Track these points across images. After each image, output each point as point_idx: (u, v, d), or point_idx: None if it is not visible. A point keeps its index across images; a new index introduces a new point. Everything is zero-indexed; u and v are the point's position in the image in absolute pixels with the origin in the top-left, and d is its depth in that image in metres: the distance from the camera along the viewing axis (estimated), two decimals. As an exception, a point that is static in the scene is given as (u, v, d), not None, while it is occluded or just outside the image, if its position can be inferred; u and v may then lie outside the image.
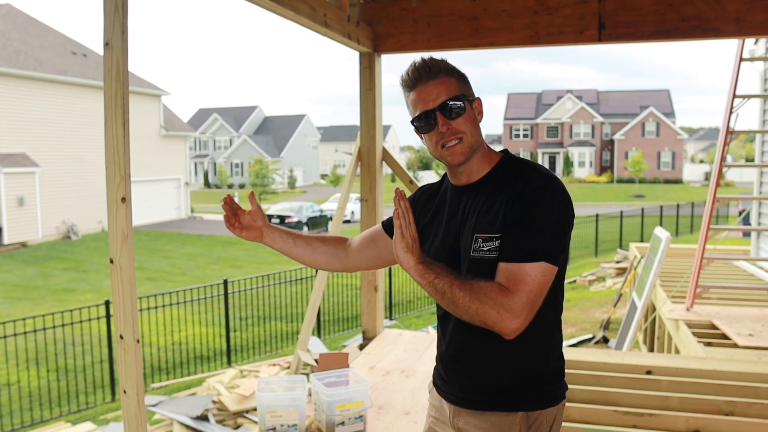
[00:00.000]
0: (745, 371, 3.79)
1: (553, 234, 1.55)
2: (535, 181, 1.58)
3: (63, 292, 14.73)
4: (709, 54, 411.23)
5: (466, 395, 1.70)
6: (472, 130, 1.66)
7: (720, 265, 8.00)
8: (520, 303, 1.48)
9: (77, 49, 26.55)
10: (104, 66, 2.18)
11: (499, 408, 1.65)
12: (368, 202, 4.50)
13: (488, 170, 1.69)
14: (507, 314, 1.48)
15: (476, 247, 1.60)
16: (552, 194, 1.57)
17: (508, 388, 1.64)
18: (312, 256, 1.96)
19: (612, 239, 19.37)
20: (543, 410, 1.65)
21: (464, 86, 1.68)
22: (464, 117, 1.64)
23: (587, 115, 53.75)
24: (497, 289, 1.49)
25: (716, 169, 5.70)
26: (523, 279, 1.50)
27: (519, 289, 1.49)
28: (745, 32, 3.80)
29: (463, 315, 1.52)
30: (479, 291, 1.49)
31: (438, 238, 1.74)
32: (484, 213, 1.61)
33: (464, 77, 1.70)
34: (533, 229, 1.53)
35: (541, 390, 1.66)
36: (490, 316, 1.48)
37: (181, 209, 30.51)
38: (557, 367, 1.70)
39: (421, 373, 3.79)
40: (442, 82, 1.64)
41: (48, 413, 7.48)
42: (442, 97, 1.62)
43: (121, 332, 2.22)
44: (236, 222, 1.90)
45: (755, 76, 8.66)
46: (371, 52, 4.33)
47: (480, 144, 1.68)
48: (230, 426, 6.60)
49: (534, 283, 1.50)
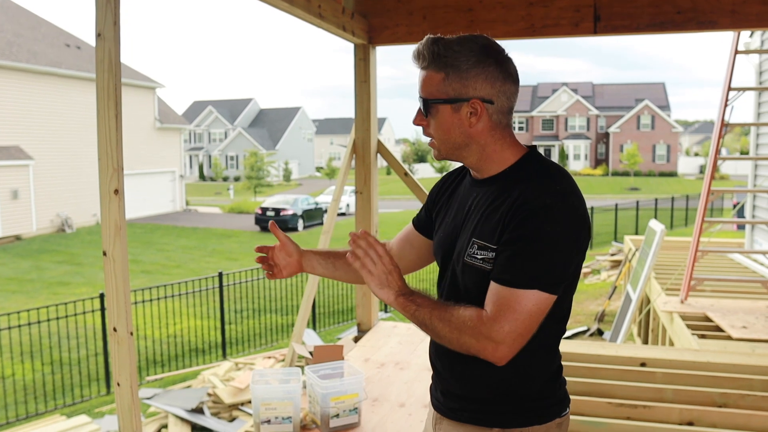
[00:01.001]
0: (738, 363, 3.80)
1: (554, 260, 1.39)
2: (544, 195, 1.41)
3: (57, 285, 14.70)
4: (704, 47, 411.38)
5: (447, 402, 1.64)
6: (442, 137, 1.52)
7: (714, 258, 8.03)
8: (502, 332, 1.37)
9: (71, 41, 26.40)
10: (96, 57, 2.16)
11: (475, 421, 1.56)
12: (363, 195, 4.49)
13: (502, 169, 1.52)
14: (488, 343, 1.38)
15: (470, 253, 1.48)
16: (560, 214, 1.39)
17: (485, 401, 1.55)
18: (355, 276, 1.81)
19: (607, 232, 19.42)
20: (525, 428, 1.52)
21: (454, 84, 1.48)
22: (436, 121, 1.52)
23: (582, 108, 53.78)
24: (476, 318, 1.39)
25: (711, 161, 5.71)
26: (510, 306, 1.37)
27: (504, 317, 1.37)
28: (740, 25, 3.80)
29: (448, 345, 1.45)
30: (458, 320, 1.40)
31: (443, 229, 1.65)
32: (486, 217, 1.48)
33: (460, 71, 1.47)
34: (530, 251, 1.38)
35: (525, 406, 1.53)
36: (472, 346, 1.40)
37: (176, 202, 30.44)
38: (548, 384, 1.57)
39: (415, 366, 3.80)
40: (425, 76, 1.51)
41: (43, 406, 7.48)
42: (422, 92, 1.53)
43: (114, 325, 2.21)
44: (276, 268, 1.85)
45: (750, 69, 8.68)
46: (366, 44, 4.31)
47: (463, 147, 1.52)
48: (225, 418, 6.61)
49: (524, 312, 1.37)
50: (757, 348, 4.47)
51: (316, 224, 25.65)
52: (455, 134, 1.51)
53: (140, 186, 26.11)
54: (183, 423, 6.47)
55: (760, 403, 3.31)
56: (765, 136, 8.44)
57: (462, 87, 1.47)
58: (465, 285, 1.53)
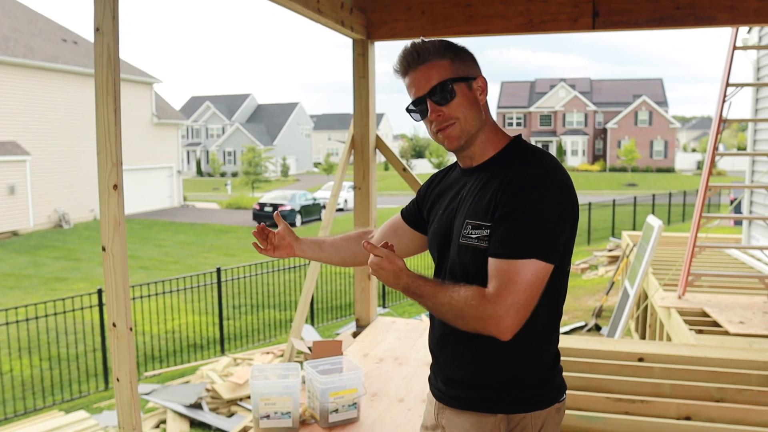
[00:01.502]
0: (735, 358, 3.81)
1: (546, 229, 1.45)
2: (532, 170, 1.50)
3: (55, 280, 14.68)
4: (702, 43, 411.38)
5: (449, 390, 1.66)
6: (468, 113, 1.58)
7: (712, 254, 8.05)
8: (504, 305, 1.42)
9: (68, 36, 26.31)
10: (95, 51, 2.16)
11: (478, 408, 1.59)
12: (362, 190, 4.49)
13: (492, 154, 1.62)
14: (491, 320, 1.43)
15: (465, 234, 1.54)
16: (547, 185, 1.47)
17: (487, 387, 1.58)
18: (340, 257, 1.98)
19: (604, 227, 19.44)
20: (527, 414, 1.56)
21: (461, 66, 1.59)
22: (458, 101, 1.57)
23: (580, 104, 53.76)
24: (478, 296, 1.44)
25: (709, 157, 5.71)
26: (510, 278, 1.42)
27: (505, 290, 1.42)
28: (739, 20, 3.80)
29: (456, 326, 1.51)
30: (460, 302, 1.45)
31: (437, 221, 1.70)
32: (478, 198, 1.55)
33: (462, 55, 1.61)
34: (524, 222, 1.44)
35: (525, 392, 1.58)
36: (477, 324, 1.45)
37: (174, 198, 30.40)
38: (547, 369, 1.61)
39: (414, 361, 3.80)
40: (431, 67, 1.57)
41: (41, 402, 7.48)
42: (431, 83, 1.56)
43: (113, 320, 2.21)
44: (268, 245, 1.91)
45: (748, 65, 8.68)
46: (365, 39, 4.30)
47: (481, 126, 1.60)
48: (224, 414, 6.62)
49: (523, 282, 1.42)
50: (754, 343, 4.49)
51: (314, 220, 25.64)
52: (476, 111, 1.60)
53: (138, 181, 26.07)
54: (181, 418, 6.48)
55: (757, 397, 3.32)
56: (762, 132, 8.44)
57: (467, 68, 1.60)
58: (462, 266, 1.57)
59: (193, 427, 6.39)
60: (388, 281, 1.54)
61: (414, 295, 1.52)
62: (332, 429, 2.87)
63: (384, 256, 1.53)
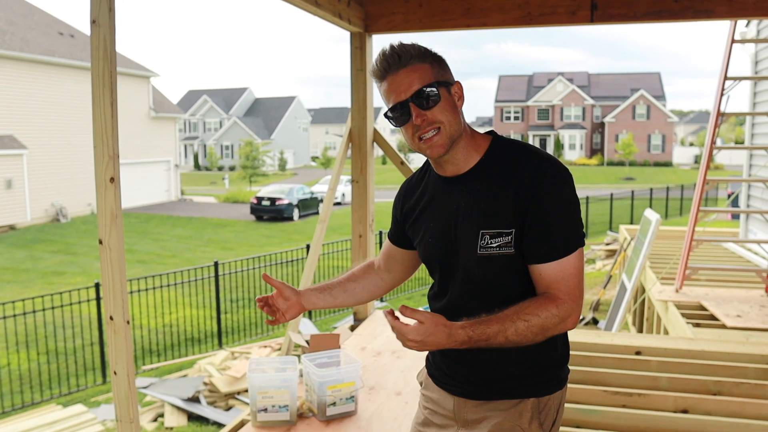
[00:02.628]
0: (732, 351, 3.82)
1: (576, 218, 1.53)
2: (544, 168, 1.50)
3: (52, 274, 14.67)
4: (700, 37, 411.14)
5: (474, 386, 1.64)
6: (451, 118, 1.53)
7: (709, 247, 8.06)
8: (577, 301, 1.50)
9: (64, 29, 26.20)
10: (91, 44, 2.14)
11: (509, 396, 1.60)
12: (359, 184, 4.48)
13: (478, 158, 1.58)
14: (569, 318, 1.50)
15: (483, 245, 1.51)
16: (563, 178, 1.52)
17: (517, 376, 1.60)
18: (355, 299, 1.96)
19: (602, 221, 19.46)
20: (553, 394, 1.62)
21: (440, 71, 1.56)
22: (441, 105, 1.52)
23: (578, 98, 53.73)
24: (552, 306, 1.47)
25: (707, 151, 5.71)
26: (567, 275, 1.49)
27: (571, 287, 1.49)
28: (737, 14, 3.79)
29: (532, 342, 1.49)
30: (538, 323, 1.46)
31: (429, 234, 1.65)
32: (487, 206, 1.52)
33: (440, 60, 1.58)
34: (560, 220, 1.49)
35: (549, 375, 1.63)
36: (558, 329, 1.50)
37: (171, 192, 30.34)
38: (564, 351, 1.67)
39: (411, 354, 3.80)
40: (414, 70, 1.52)
41: (39, 396, 7.48)
42: (414, 86, 1.51)
43: (111, 313, 2.21)
44: (278, 314, 1.84)
45: (746, 58, 8.67)
46: (362, 32, 4.29)
47: (461, 131, 1.56)
48: (221, 407, 6.62)
49: (577, 272, 1.51)
50: (751, 336, 4.50)
51: (312, 214, 25.62)
52: (457, 115, 1.56)
53: (135, 175, 26.03)
54: (179, 412, 6.49)
55: (754, 390, 3.33)
56: (760, 125, 8.44)
57: (445, 73, 1.58)
58: (485, 275, 1.56)
59: (190, 421, 6.40)
60: (441, 346, 1.44)
61: (478, 342, 1.45)
62: (330, 422, 2.87)
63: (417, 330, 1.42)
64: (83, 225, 22.03)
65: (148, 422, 6.41)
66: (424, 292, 11.95)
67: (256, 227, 22.46)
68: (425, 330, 1.41)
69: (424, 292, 11.32)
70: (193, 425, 6.30)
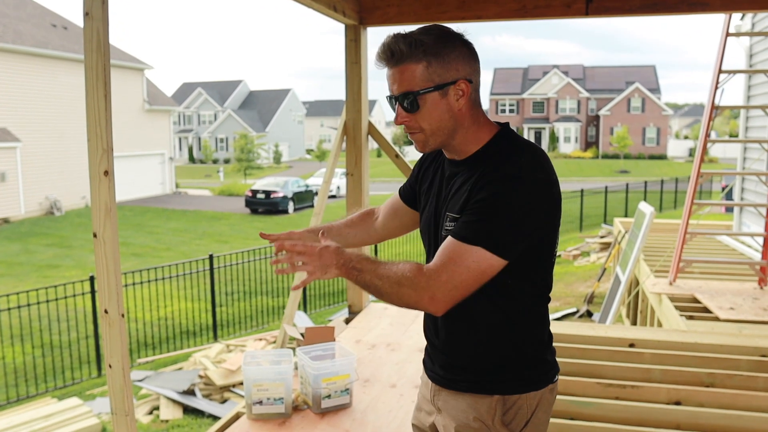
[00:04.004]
0: (725, 344, 3.85)
1: (502, 223, 1.43)
2: (506, 166, 1.48)
3: (47, 268, 14.63)
4: (694, 30, 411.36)
5: (446, 373, 1.68)
6: (435, 125, 1.53)
7: (703, 240, 8.09)
8: (439, 281, 1.44)
9: (57, 21, 26.04)
10: (84, 37, 2.13)
11: (475, 390, 1.61)
12: (354, 177, 4.48)
13: (475, 150, 1.58)
14: (425, 293, 1.44)
15: (445, 226, 1.57)
16: (519, 183, 1.44)
17: (484, 370, 1.61)
18: (347, 244, 1.97)
19: (597, 214, 19.51)
20: (522, 395, 1.59)
21: (437, 70, 1.50)
22: (423, 112, 1.52)
23: (573, 91, 53.74)
24: (416, 270, 1.45)
25: (701, 144, 5.73)
26: (452, 258, 1.44)
27: (444, 267, 1.44)
28: (732, 6, 3.80)
29: (391, 302, 1.50)
30: (397, 275, 1.45)
31: (427, 208, 1.72)
32: (457, 193, 1.56)
33: (444, 55, 1.50)
34: (483, 213, 1.44)
35: (520, 374, 1.60)
36: (411, 297, 1.45)
37: (166, 184, 30.27)
38: (541, 351, 1.64)
39: (406, 347, 3.82)
40: (403, 70, 1.50)
41: (34, 389, 7.47)
42: (400, 88, 1.52)
43: (105, 306, 2.20)
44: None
45: (741, 51, 8.69)
46: (357, 24, 4.28)
47: (453, 131, 1.55)
48: (217, 400, 6.63)
49: (462, 265, 1.43)
50: (744, 329, 4.52)
51: (307, 207, 25.60)
52: (446, 120, 1.54)
53: (129, 168, 25.93)
54: (175, 405, 6.49)
55: (746, 382, 3.35)
56: (754, 119, 8.47)
57: (445, 71, 1.51)
58: None
59: (186, 414, 6.41)
60: (332, 264, 1.51)
61: (353, 270, 1.50)
62: (325, 415, 2.88)
63: (303, 250, 1.52)
64: (78, 218, 21.96)
65: (143, 415, 6.42)
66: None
67: (251, 220, 22.44)
68: (302, 265, 1.52)
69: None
70: (188, 418, 6.31)
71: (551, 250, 1.58)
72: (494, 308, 1.57)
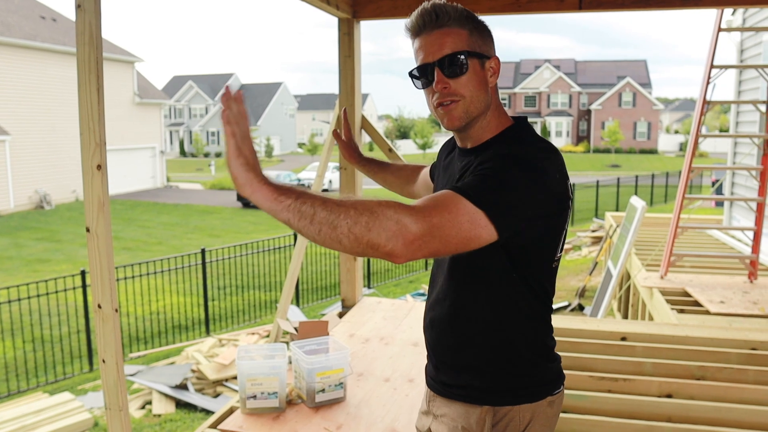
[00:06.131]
0: (716, 337, 3.88)
1: (502, 192, 1.30)
2: (512, 147, 1.41)
3: (37, 262, 14.54)
4: (685, 25, 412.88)
5: (438, 375, 1.64)
6: (475, 93, 1.45)
7: (693, 234, 8.14)
8: (420, 223, 1.21)
9: (46, 13, 25.82)
10: (76, 29, 2.11)
11: (466, 399, 1.56)
12: (347, 171, 4.47)
13: (488, 138, 1.50)
14: (406, 231, 1.20)
15: None
16: (527, 166, 1.35)
17: (475, 379, 1.54)
18: (376, 180, 2.16)
19: (588, 208, 19.58)
20: (514, 407, 1.51)
21: (479, 40, 1.45)
22: (467, 77, 1.43)
23: (565, 85, 53.86)
24: (399, 205, 1.22)
25: (692, 139, 5.75)
26: (447, 206, 1.25)
27: (435, 210, 1.24)
28: (725, 2, 3.81)
29: (345, 236, 1.18)
30: (373, 203, 1.20)
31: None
32: (460, 177, 1.49)
33: (482, 29, 1.47)
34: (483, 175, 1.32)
35: (512, 384, 1.52)
36: (386, 230, 1.18)
37: (157, 178, 30.15)
38: (536, 361, 1.54)
39: (400, 341, 3.82)
40: (447, 33, 1.42)
41: (25, 384, 7.44)
42: (444, 50, 1.42)
43: (99, 301, 2.19)
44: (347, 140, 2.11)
45: (732, 47, 8.72)
46: (350, 18, 4.26)
47: (485, 110, 1.48)
48: (209, 394, 6.63)
49: (451, 216, 1.24)
50: (734, 322, 4.56)
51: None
52: (484, 92, 1.47)
53: (120, 162, 25.80)
54: (167, 399, 6.48)
55: (736, 375, 3.38)
56: (745, 114, 8.51)
57: (484, 44, 1.47)
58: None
59: (178, 408, 6.40)
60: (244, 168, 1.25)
61: (282, 193, 1.23)
62: (319, 409, 2.88)
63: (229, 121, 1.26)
64: (67, 212, 21.83)
65: (135, 409, 6.40)
66: (411, 278, 11.99)
67: (243, 214, 22.38)
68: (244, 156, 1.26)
69: (412, 279, 11.31)
70: (181, 412, 6.30)
71: (551, 254, 1.49)
72: (487, 314, 1.50)
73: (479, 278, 1.48)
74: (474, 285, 1.50)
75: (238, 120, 1.26)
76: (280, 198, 1.23)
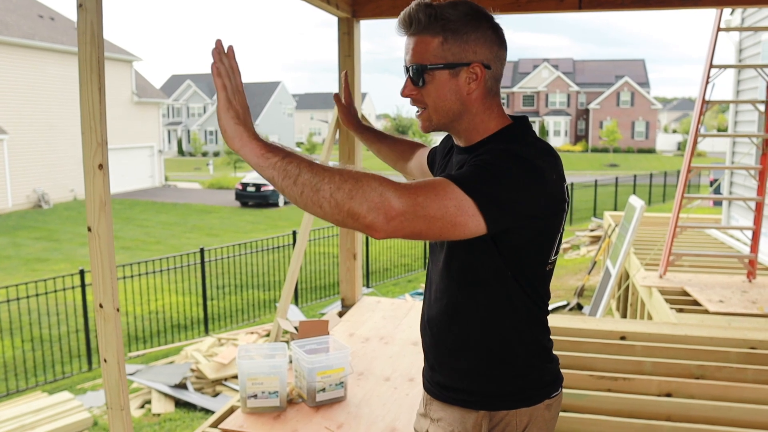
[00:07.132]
0: (715, 336, 3.88)
1: (493, 183, 1.28)
2: (506, 143, 1.40)
3: (36, 261, 14.53)
4: (683, 24, 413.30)
5: (434, 375, 1.63)
6: (439, 104, 1.44)
7: (692, 234, 8.15)
8: (404, 198, 1.20)
9: (44, 12, 25.78)
10: (78, 29, 2.11)
11: (461, 403, 1.55)
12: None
13: (479, 140, 1.48)
14: (389, 205, 1.18)
15: None
16: (518, 160, 1.33)
17: (470, 383, 1.53)
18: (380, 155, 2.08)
19: (586, 208, 19.60)
20: (510, 411, 1.50)
21: (453, 48, 1.41)
22: (430, 88, 1.43)
23: (563, 84, 53.88)
24: (386, 179, 1.21)
25: (692, 138, 5.76)
26: (435, 188, 1.24)
27: (422, 190, 1.23)
28: (724, 2, 3.81)
29: (326, 201, 1.18)
30: (360, 173, 1.20)
31: None
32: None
33: (462, 33, 1.41)
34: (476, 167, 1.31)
35: (508, 388, 1.51)
36: (368, 200, 1.17)
37: (155, 177, 30.13)
38: (532, 363, 1.53)
39: (399, 340, 3.83)
40: (419, 42, 1.42)
41: (24, 383, 7.43)
42: (413, 59, 1.43)
43: (100, 301, 2.20)
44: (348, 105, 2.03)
45: (731, 46, 8.73)
46: (350, 17, 4.26)
47: (458, 116, 1.46)
48: (209, 394, 6.63)
49: (434, 196, 1.23)
50: (733, 321, 4.57)
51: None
52: (452, 102, 1.45)
53: (118, 161, 25.77)
54: (166, 398, 6.49)
55: (736, 374, 3.39)
56: (743, 113, 8.52)
57: (461, 51, 1.41)
58: (441, 244, 1.54)
59: (177, 407, 6.40)
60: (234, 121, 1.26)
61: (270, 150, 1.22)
62: (319, 408, 2.89)
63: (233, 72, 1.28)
64: (66, 211, 21.80)
65: (135, 409, 6.40)
66: (410, 278, 11.99)
67: (242, 213, 22.38)
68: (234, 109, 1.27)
69: (410, 278, 11.30)
70: (180, 411, 6.31)
71: (545, 256, 1.46)
72: (484, 314, 1.49)
73: (475, 278, 1.47)
74: (470, 285, 1.48)
75: (230, 74, 1.27)
76: (267, 155, 1.22)
